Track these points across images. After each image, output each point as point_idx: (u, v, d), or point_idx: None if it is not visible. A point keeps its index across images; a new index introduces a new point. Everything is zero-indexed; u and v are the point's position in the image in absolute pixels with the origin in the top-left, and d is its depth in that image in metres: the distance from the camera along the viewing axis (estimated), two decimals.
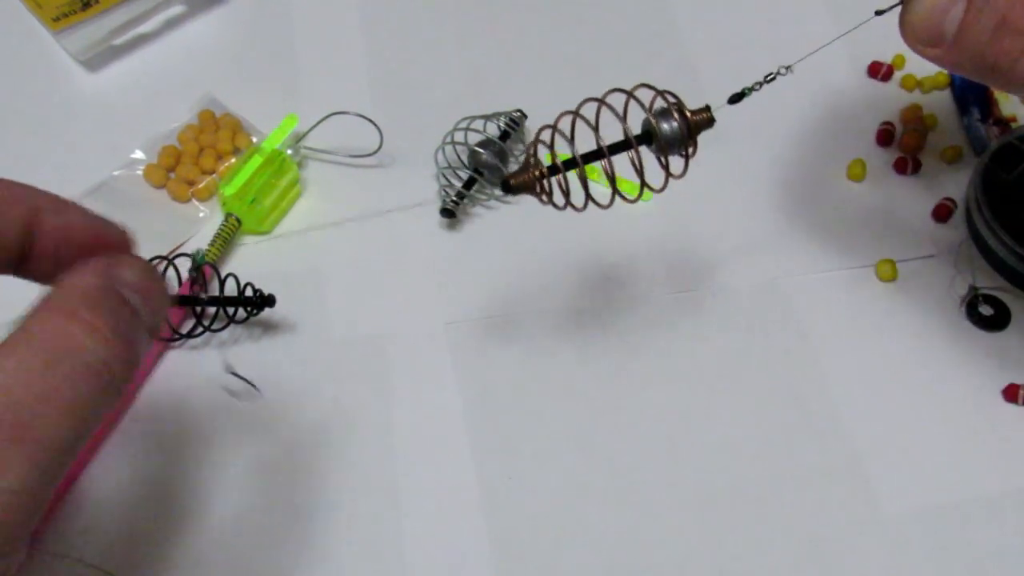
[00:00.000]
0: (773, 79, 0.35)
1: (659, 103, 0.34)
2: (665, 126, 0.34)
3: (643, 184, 0.35)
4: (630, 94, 0.35)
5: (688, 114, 0.34)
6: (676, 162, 0.36)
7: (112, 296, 0.24)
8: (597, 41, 0.54)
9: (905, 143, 0.50)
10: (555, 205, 0.35)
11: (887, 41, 0.54)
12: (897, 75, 0.53)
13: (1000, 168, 0.47)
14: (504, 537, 0.39)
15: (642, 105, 0.34)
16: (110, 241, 0.27)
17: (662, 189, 0.35)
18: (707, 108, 0.34)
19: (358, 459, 0.41)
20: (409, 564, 0.39)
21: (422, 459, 0.41)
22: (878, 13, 0.36)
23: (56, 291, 0.24)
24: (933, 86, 0.52)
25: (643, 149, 0.35)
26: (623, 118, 0.35)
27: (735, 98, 0.35)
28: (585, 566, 0.39)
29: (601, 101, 0.34)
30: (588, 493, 0.40)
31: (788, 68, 0.35)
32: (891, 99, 0.52)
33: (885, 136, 0.50)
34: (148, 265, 0.26)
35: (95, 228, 0.27)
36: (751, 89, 0.35)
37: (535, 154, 0.34)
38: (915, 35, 0.33)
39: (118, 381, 0.24)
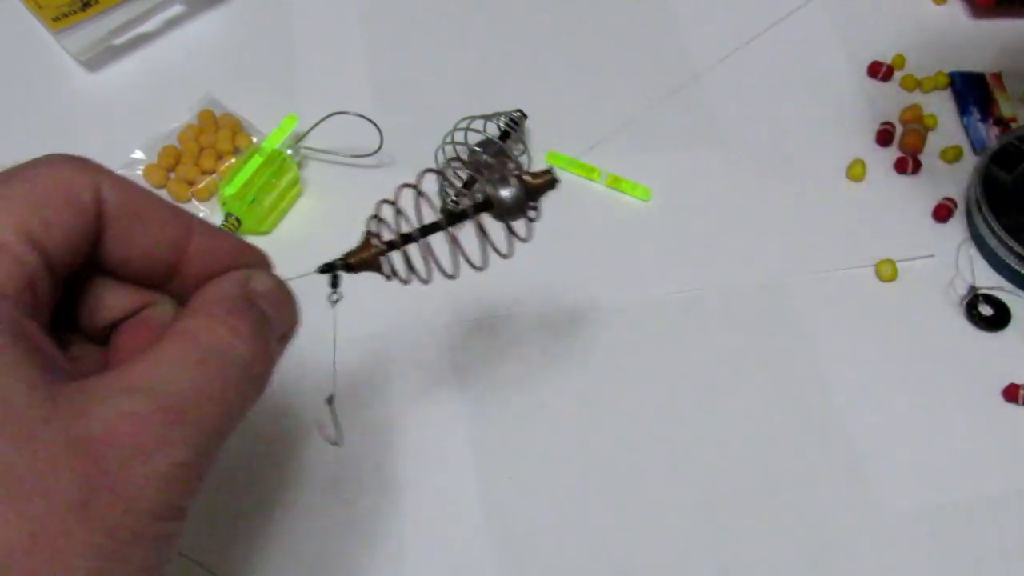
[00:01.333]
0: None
1: (495, 172, 0.33)
2: (504, 192, 0.33)
3: (489, 246, 0.34)
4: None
5: (527, 178, 0.33)
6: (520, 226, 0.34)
7: (248, 303, 0.27)
8: (597, 41, 0.54)
9: (905, 143, 0.50)
10: (400, 279, 0.34)
11: (887, 41, 0.55)
12: (897, 75, 0.53)
13: (1000, 168, 0.47)
14: (504, 537, 0.39)
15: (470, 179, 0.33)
16: (251, 262, 0.29)
17: (507, 255, 0.34)
18: (549, 171, 0.33)
19: (358, 459, 0.41)
20: (409, 564, 0.38)
21: (422, 459, 0.41)
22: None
23: (201, 297, 0.27)
24: (933, 86, 0.52)
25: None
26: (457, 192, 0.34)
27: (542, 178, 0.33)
28: (585, 566, 0.39)
29: (440, 172, 0.34)
30: (588, 493, 0.40)
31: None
32: (891, 99, 0.52)
33: (885, 136, 0.50)
34: (278, 279, 0.29)
35: (239, 250, 0.29)
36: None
37: (374, 230, 0.33)
38: None
39: (259, 378, 0.26)
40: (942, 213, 0.48)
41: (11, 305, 0.23)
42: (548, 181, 0.33)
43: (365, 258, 0.33)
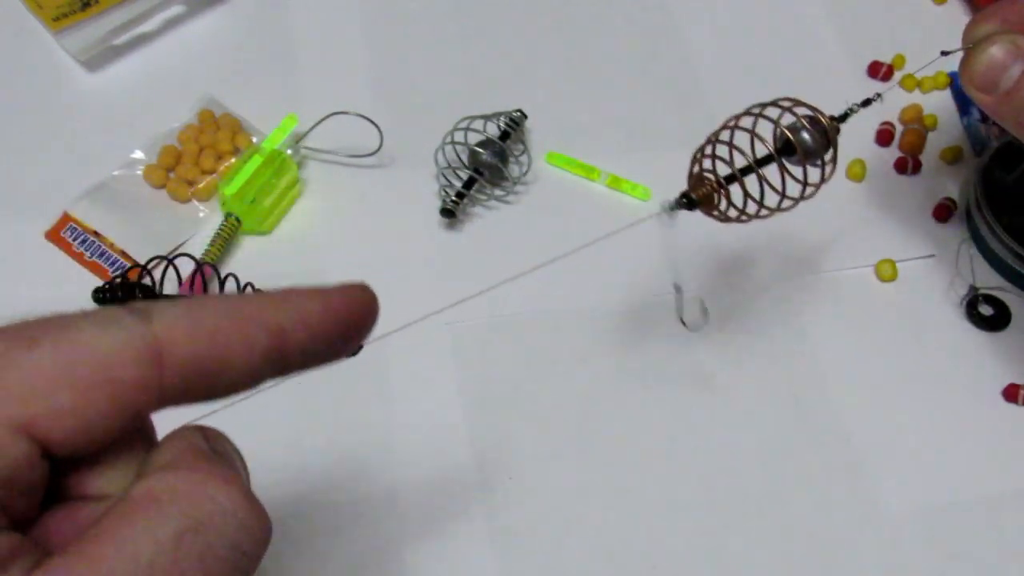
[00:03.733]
0: (869, 103, 0.37)
1: (789, 117, 0.35)
2: (806, 136, 0.35)
3: (783, 195, 0.35)
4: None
5: (823, 121, 0.35)
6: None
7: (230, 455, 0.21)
8: (597, 41, 0.54)
9: (905, 143, 0.50)
10: (727, 218, 0.35)
11: (887, 41, 0.55)
12: (897, 75, 0.53)
13: (1000, 168, 0.47)
14: (504, 537, 0.39)
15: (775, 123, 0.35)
16: (352, 306, 0.24)
17: (803, 198, 0.36)
18: (841, 116, 0.36)
19: (358, 459, 0.41)
20: (409, 564, 0.38)
21: (422, 459, 0.41)
22: (944, 54, 0.39)
23: (169, 444, 0.21)
24: (933, 86, 0.52)
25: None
26: (768, 135, 0.35)
27: (841, 118, 0.36)
28: (585, 566, 0.39)
29: (759, 115, 0.35)
30: (588, 493, 0.40)
31: (879, 95, 0.38)
32: (891, 99, 0.52)
33: (885, 136, 0.50)
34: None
35: (334, 306, 0.23)
36: (851, 111, 0.37)
37: (710, 168, 0.35)
38: (972, 79, 0.37)
39: (258, 551, 0.21)
40: (942, 213, 0.48)
41: None
42: (835, 126, 0.35)
43: (703, 194, 0.34)
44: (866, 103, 0.37)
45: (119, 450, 0.20)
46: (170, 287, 0.42)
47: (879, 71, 0.53)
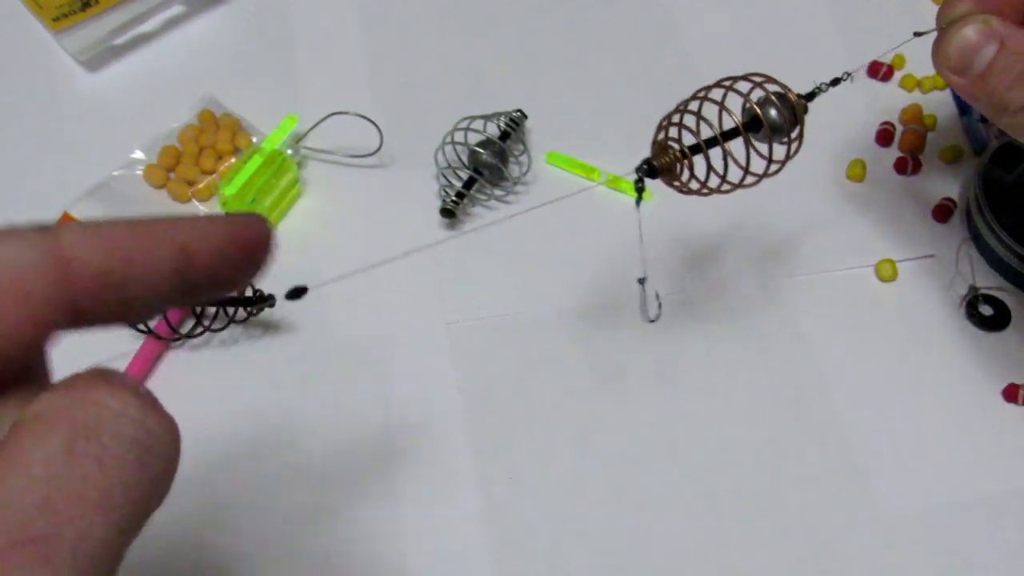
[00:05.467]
0: (838, 83, 0.38)
1: (759, 92, 0.35)
2: (773, 112, 0.35)
3: (746, 170, 0.35)
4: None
5: (791, 98, 0.35)
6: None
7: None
8: (597, 41, 0.54)
9: (905, 143, 0.50)
10: (688, 189, 0.35)
11: (887, 41, 0.55)
12: (897, 75, 0.53)
13: (1000, 168, 0.47)
14: (504, 537, 0.39)
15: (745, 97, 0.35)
16: (251, 232, 0.23)
17: (766, 174, 0.36)
18: (808, 94, 0.36)
19: (358, 459, 0.41)
20: (409, 564, 0.39)
21: (422, 459, 0.41)
22: (916, 35, 0.39)
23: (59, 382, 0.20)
24: (933, 86, 0.52)
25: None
26: (738, 107, 0.35)
27: (808, 96, 0.36)
28: (585, 566, 0.39)
29: (729, 87, 0.35)
30: (588, 493, 0.40)
31: (849, 75, 0.38)
32: (891, 99, 0.52)
33: (885, 136, 0.50)
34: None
35: (235, 230, 0.23)
36: (819, 89, 0.37)
37: (675, 137, 0.34)
38: (945, 61, 0.36)
39: (166, 451, 0.19)
40: (942, 213, 0.48)
41: None
42: (802, 104, 0.35)
43: (666, 162, 0.34)
44: (835, 82, 0.37)
45: (18, 387, 0.20)
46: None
47: (879, 71, 0.53)
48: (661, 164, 0.34)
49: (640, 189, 0.34)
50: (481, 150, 0.47)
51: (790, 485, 0.41)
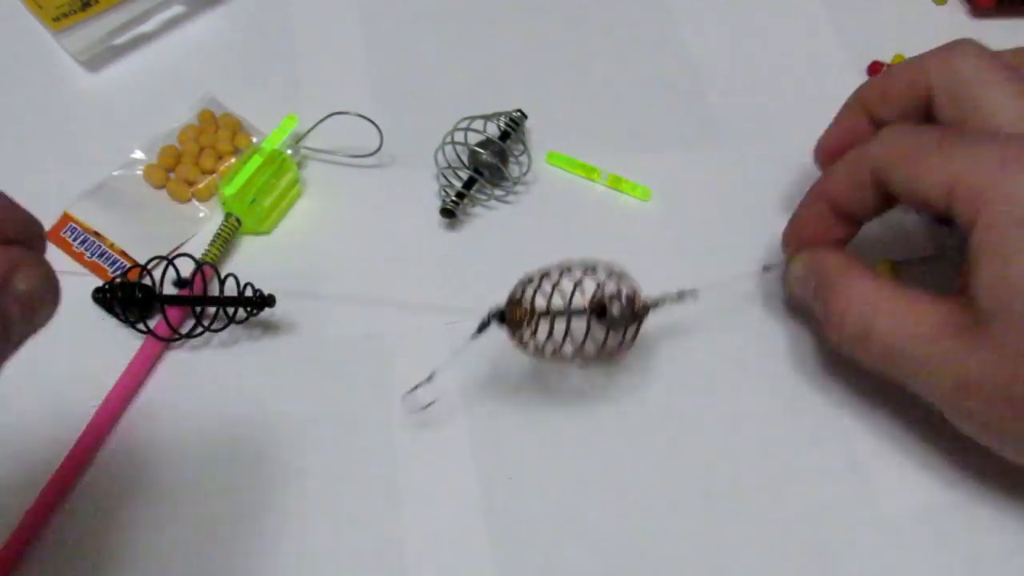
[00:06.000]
0: (683, 297, 0.41)
1: (611, 287, 0.38)
2: (615, 310, 0.38)
3: (603, 347, 0.38)
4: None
5: (637, 302, 0.39)
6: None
7: None
8: (597, 41, 0.54)
9: None
10: (523, 345, 0.38)
11: (887, 41, 0.55)
12: None
13: None
14: (504, 537, 0.39)
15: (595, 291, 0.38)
16: (30, 238, 0.26)
17: (596, 357, 0.39)
18: (646, 305, 0.39)
19: (358, 459, 0.41)
20: (409, 564, 0.39)
21: (422, 459, 0.41)
22: (765, 269, 0.45)
23: None
24: None
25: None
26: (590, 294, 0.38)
27: (654, 304, 0.40)
28: (585, 566, 0.39)
29: (589, 269, 0.38)
30: (588, 493, 0.40)
31: (695, 293, 0.41)
32: None
33: None
34: (47, 269, 0.25)
35: (22, 225, 0.25)
36: (663, 301, 0.40)
37: (522, 294, 0.38)
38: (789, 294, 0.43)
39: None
40: None
41: None
42: (645, 308, 0.39)
43: (516, 319, 0.37)
44: (680, 296, 0.41)
45: None
46: (170, 287, 0.42)
47: (879, 71, 0.53)
48: (511, 318, 0.37)
49: (482, 329, 0.38)
50: (481, 150, 0.47)
51: (790, 485, 0.41)
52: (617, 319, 0.38)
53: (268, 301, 0.42)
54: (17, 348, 0.25)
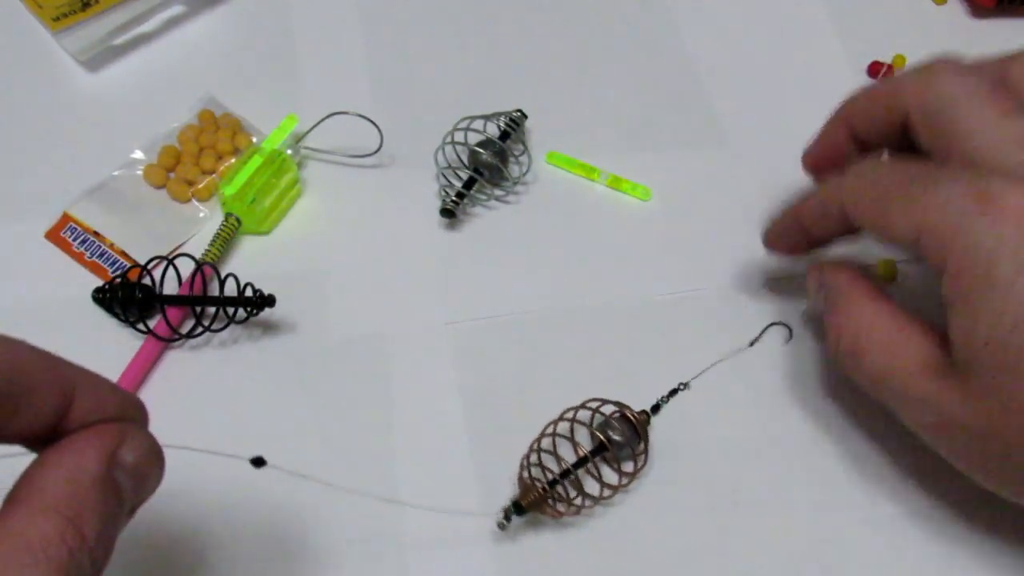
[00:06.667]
0: (676, 393, 0.42)
1: (600, 416, 0.40)
2: (614, 434, 0.39)
3: (619, 486, 0.39)
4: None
5: (632, 417, 0.39)
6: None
7: (105, 485, 0.24)
8: (597, 41, 0.54)
9: None
10: (559, 513, 0.38)
11: (887, 41, 0.55)
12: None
13: None
14: (504, 538, 0.39)
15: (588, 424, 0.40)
16: (131, 415, 0.26)
17: (620, 487, 0.39)
18: (644, 412, 0.41)
19: (358, 460, 0.41)
20: (409, 566, 0.38)
21: (422, 459, 0.41)
22: (751, 344, 0.44)
23: (42, 478, 0.23)
24: None
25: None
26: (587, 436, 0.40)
27: (653, 409, 0.42)
28: (585, 566, 0.39)
29: (573, 420, 0.40)
30: None
31: (686, 385, 0.42)
32: None
33: None
34: (151, 439, 0.26)
35: (122, 405, 0.26)
36: (662, 403, 0.42)
37: (530, 476, 0.38)
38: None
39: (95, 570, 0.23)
40: None
41: None
42: (643, 419, 0.40)
43: (534, 499, 0.37)
44: (672, 393, 0.42)
45: None
46: (170, 287, 0.42)
47: (879, 71, 0.53)
48: (528, 503, 0.37)
49: (504, 527, 0.38)
50: (481, 150, 0.47)
51: (790, 485, 0.41)
52: (622, 443, 0.39)
53: (268, 301, 0.42)
54: (130, 518, 0.25)
